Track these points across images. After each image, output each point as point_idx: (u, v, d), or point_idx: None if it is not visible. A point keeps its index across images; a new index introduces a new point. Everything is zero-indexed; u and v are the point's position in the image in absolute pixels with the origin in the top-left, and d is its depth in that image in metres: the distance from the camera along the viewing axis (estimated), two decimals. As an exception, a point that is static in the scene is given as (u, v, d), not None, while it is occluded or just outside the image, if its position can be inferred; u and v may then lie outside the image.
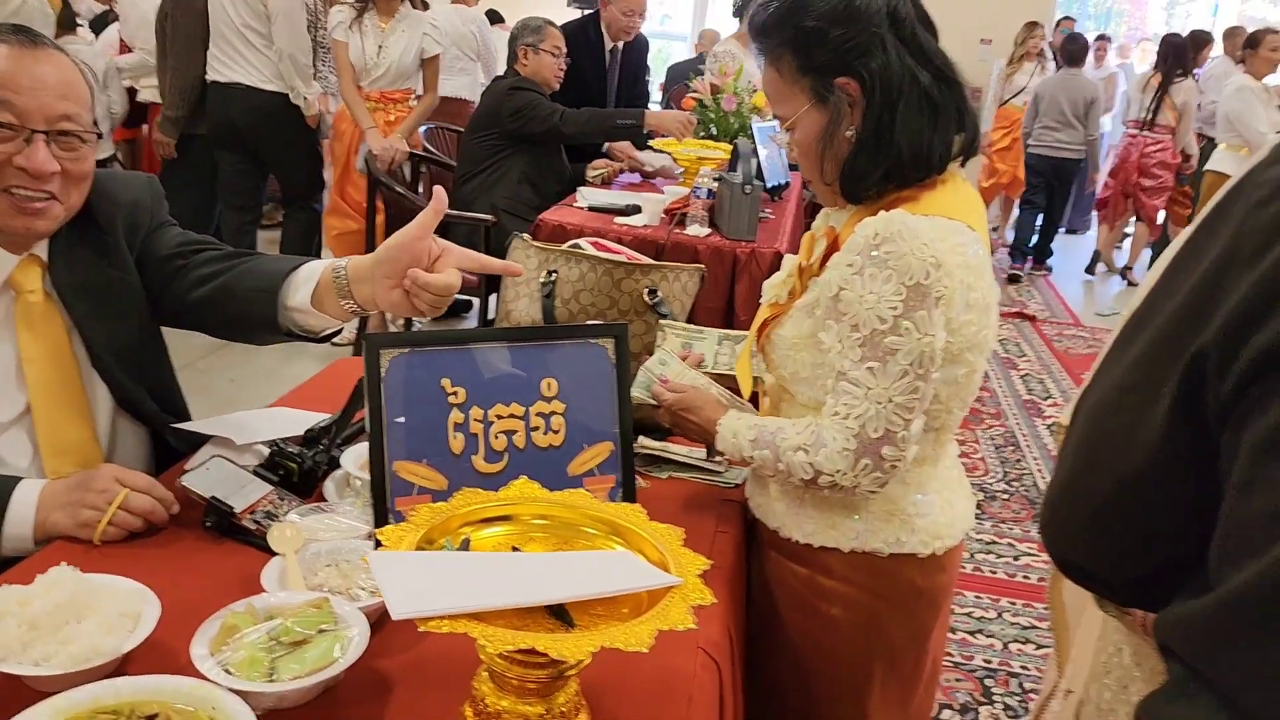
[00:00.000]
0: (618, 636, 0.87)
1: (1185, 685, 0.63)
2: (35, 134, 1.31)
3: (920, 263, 1.22)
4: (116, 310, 1.48)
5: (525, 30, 4.01)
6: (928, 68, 1.30)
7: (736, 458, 1.39)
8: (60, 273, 1.44)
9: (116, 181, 1.52)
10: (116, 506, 1.27)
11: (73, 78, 1.37)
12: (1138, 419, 0.66)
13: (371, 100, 4.31)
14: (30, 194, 1.33)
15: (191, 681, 0.97)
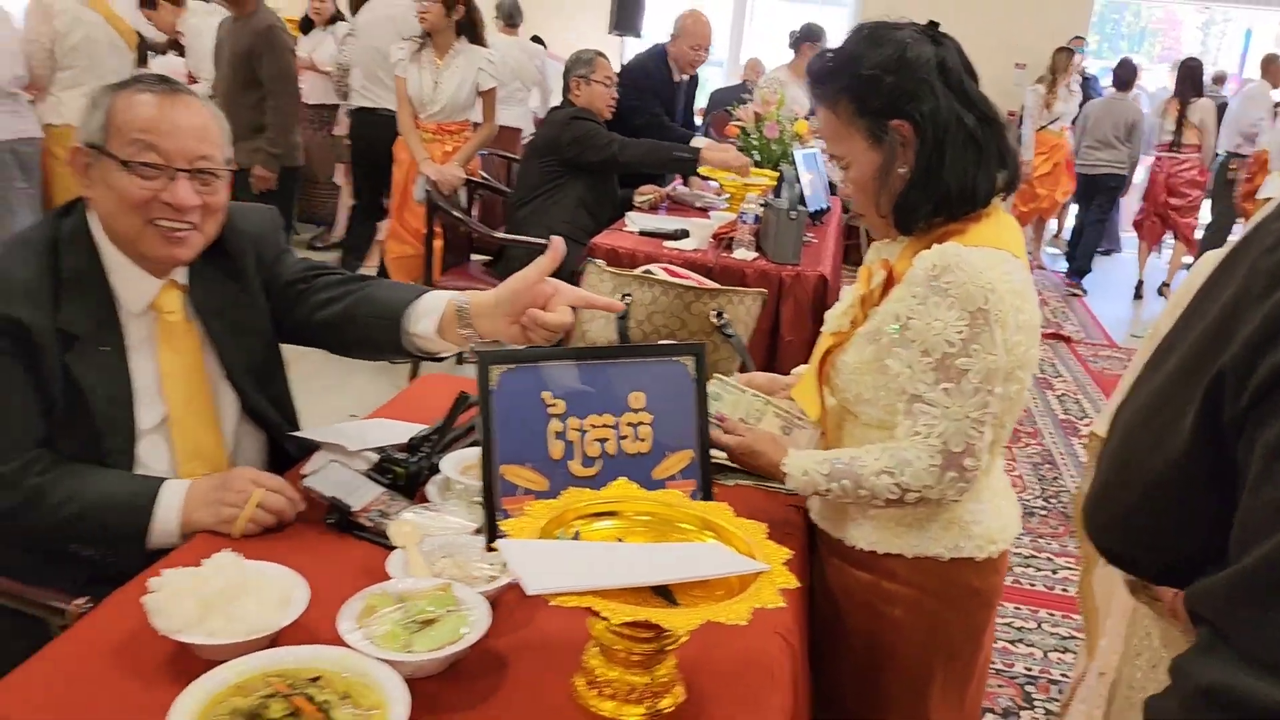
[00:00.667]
0: (719, 612, 1.01)
1: (1211, 644, 0.76)
2: (179, 172, 1.48)
3: (979, 290, 1.35)
4: (246, 329, 1.65)
5: (578, 63, 4.19)
6: (973, 111, 1.44)
7: (809, 492, 1.51)
8: (198, 295, 1.61)
9: (243, 214, 1.69)
10: (254, 505, 1.43)
11: (208, 121, 1.54)
12: (1166, 431, 0.79)
13: (429, 132, 4.50)
14: (174, 225, 1.50)
15: (343, 651, 1.12)
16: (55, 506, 1.41)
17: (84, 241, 1.52)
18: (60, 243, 1.51)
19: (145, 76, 1.55)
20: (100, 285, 1.52)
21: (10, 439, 1.44)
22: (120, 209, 1.48)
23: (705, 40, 4.81)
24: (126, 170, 1.46)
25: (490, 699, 1.15)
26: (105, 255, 1.53)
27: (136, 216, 1.48)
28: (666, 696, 1.14)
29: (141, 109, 1.48)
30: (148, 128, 1.48)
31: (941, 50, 1.46)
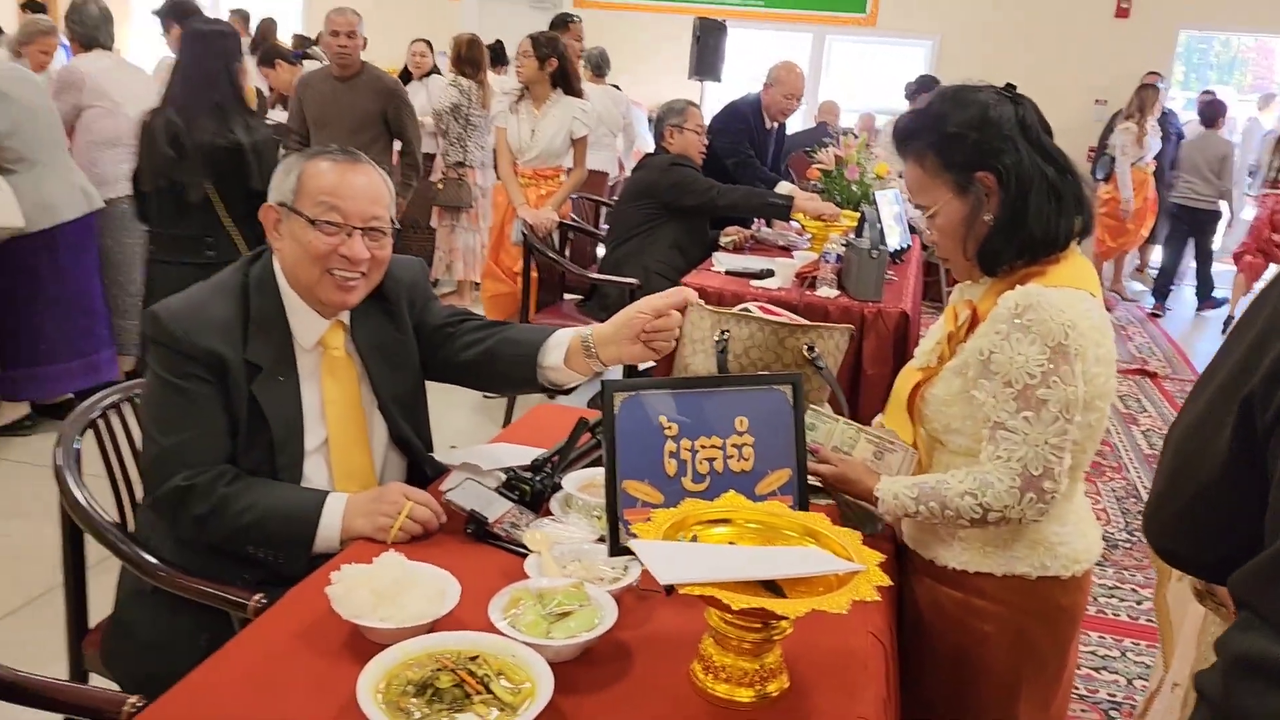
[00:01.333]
0: (823, 602, 1.17)
1: (1248, 621, 0.89)
2: (355, 230, 1.73)
3: (1059, 326, 1.50)
4: (398, 365, 1.88)
5: (670, 112, 4.41)
6: (1052, 164, 1.59)
7: (899, 514, 1.66)
8: (359, 333, 1.84)
9: (398, 264, 1.92)
10: (405, 515, 1.63)
11: (379, 185, 1.79)
12: (1209, 445, 0.93)
13: (525, 177, 4.80)
14: (347, 275, 1.74)
15: (494, 636, 1.31)
16: (238, 514, 1.64)
17: (270, 286, 1.77)
18: (250, 287, 1.76)
19: (328, 149, 1.80)
20: (281, 324, 1.77)
21: (206, 454, 1.67)
22: (304, 259, 1.73)
23: (798, 90, 5.02)
24: (313, 227, 1.71)
25: (619, 681, 1.32)
26: (286, 298, 1.77)
27: (317, 266, 1.72)
28: (773, 682, 1.30)
29: (326, 175, 1.73)
30: (331, 191, 1.72)
31: (1021, 110, 1.62)
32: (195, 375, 1.68)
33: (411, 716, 1.16)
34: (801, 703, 1.30)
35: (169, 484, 1.65)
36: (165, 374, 1.69)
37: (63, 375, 4.01)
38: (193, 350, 1.67)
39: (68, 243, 3.98)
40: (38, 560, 3.00)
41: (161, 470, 1.67)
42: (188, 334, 1.67)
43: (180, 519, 1.66)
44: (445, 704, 1.18)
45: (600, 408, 1.60)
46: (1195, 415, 0.97)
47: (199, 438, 1.68)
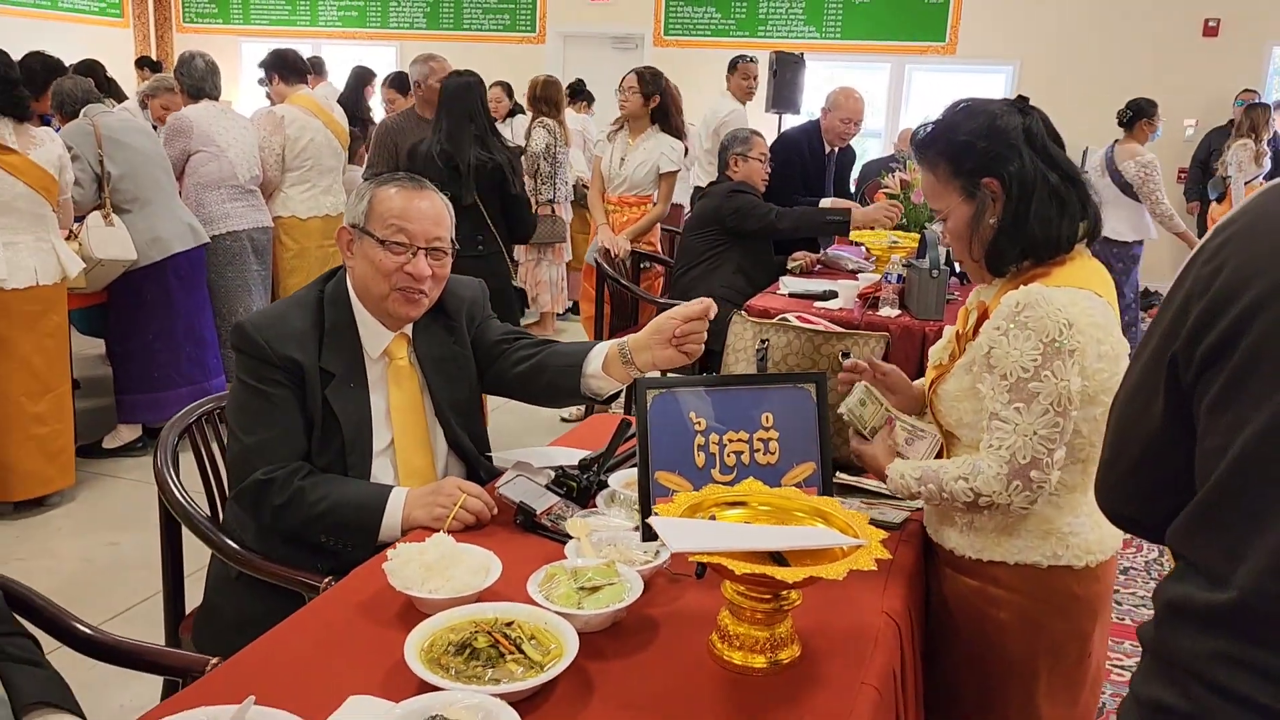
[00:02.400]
0: (820, 570, 1.27)
1: (1182, 571, 0.97)
2: (419, 250, 1.91)
3: (1055, 324, 1.58)
4: (456, 376, 2.05)
5: (735, 141, 4.55)
6: (1056, 170, 1.68)
7: (905, 493, 1.76)
8: (421, 346, 2.02)
9: (459, 282, 2.11)
10: (459, 506, 1.79)
11: (441, 209, 1.98)
12: (1146, 407, 1.01)
13: (611, 203, 5.07)
14: (412, 290, 1.92)
15: (530, 607, 1.44)
16: (312, 504, 1.82)
17: (343, 301, 1.97)
18: (325, 301, 1.96)
19: (397, 176, 2.00)
20: (352, 335, 1.96)
21: (284, 451, 1.86)
22: (374, 275, 1.92)
23: (855, 114, 5.11)
24: (383, 247, 1.90)
25: (644, 650, 1.44)
26: (357, 312, 1.97)
27: (386, 282, 1.91)
28: (785, 650, 1.40)
29: (394, 200, 1.93)
30: (399, 215, 1.92)
31: (1028, 120, 1.71)
32: (276, 380, 1.87)
33: (449, 671, 1.30)
34: (811, 670, 1.40)
35: (251, 478, 1.84)
36: (249, 379, 1.88)
37: (175, 400, 4.31)
38: (274, 358, 1.87)
39: (177, 274, 4.31)
40: (144, 568, 3.26)
41: (244, 465, 1.86)
42: (269, 343, 1.87)
43: (261, 508, 1.85)
44: (480, 661, 1.32)
45: (636, 406, 1.74)
46: (1132, 382, 1.05)
47: (278, 436, 1.86)
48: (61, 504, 3.89)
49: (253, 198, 4.72)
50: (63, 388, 3.86)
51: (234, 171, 4.60)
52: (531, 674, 1.30)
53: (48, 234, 3.71)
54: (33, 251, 3.64)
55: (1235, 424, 0.90)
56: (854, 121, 5.15)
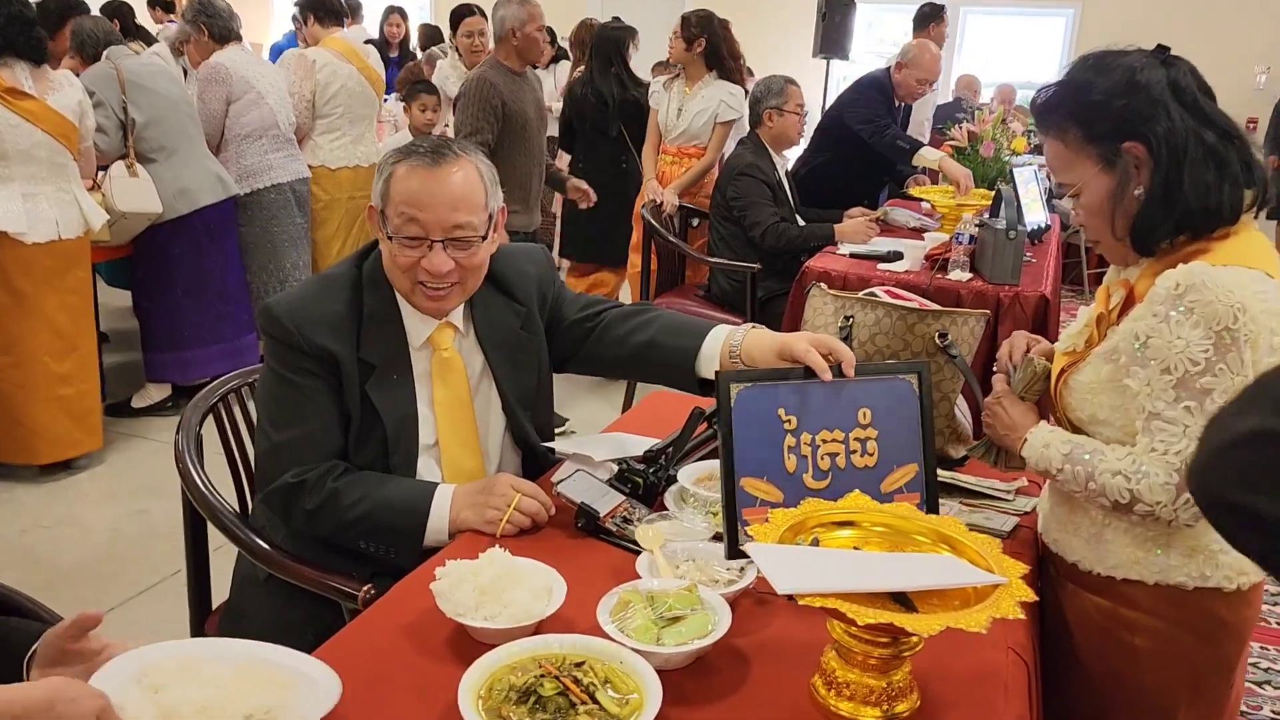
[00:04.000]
0: (960, 619, 1.06)
1: None
2: (434, 243, 1.64)
3: (1227, 309, 1.33)
4: (523, 363, 1.83)
5: (769, 93, 4.24)
6: (1211, 128, 1.42)
7: (1038, 468, 1.52)
8: (483, 330, 1.79)
9: (521, 256, 1.87)
10: (513, 508, 1.58)
11: (464, 189, 1.65)
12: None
13: (669, 155, 4.80)
14: (434, 286, 1.67)
15: (602, 641, 1.24)
16: (348, 507, 1.62)
17: (383, 282, 1.73)
18: (363, 282, 1.73)
19: (419, 146, 1.69)
20: (395, 321, 1.73)
21: (317, 450, 1.66)
22: (394, 270, 1.69)
23: (934, 74, 4.80)
24: (392, 242, 1.66)
25: (734, 693, 1.24)
26: (398, 296, 1.73)
27: (405, 278, 1.68)
28: (902, 702, 1.19)
29: (410, 182, 1.64)
30: (412, 201, 1.63)
31: (1174, 71, 1.45)
32: (308, 370, 1.66)
33: (512, 724, 1.11)
34: (933, 725, 1.20)
35: (280, 480, 1.64)
36: (279, 368, 1.68)
37: (204, 359, 4.15)
38: (305, 345, 1.65)
39: (206, 228, 4.11)
40: (173, 539, 3.09)
41: (274, 465, 1.66)
42: (300, 329, 1.65)
43: (292, 514, 1.66)
44: (549, 714, 1.12)
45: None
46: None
47: (311, 433, 1.66)
48: (89, 467, 3.75)
49: (292, 147, 4.47)
50: (88, 346, 3.69)
51: (275, 119, 4.35)
52: (609, 731, 1.10)
53: (69, 184, 3.51)
54: (54, 203, 3.45)
55: None
56: (929, 83, 4.84)
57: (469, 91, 3.91)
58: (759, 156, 4.21)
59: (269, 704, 1.07)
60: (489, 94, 3.88)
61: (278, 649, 1.18)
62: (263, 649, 1.18)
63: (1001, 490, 1.80)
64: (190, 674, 1.09)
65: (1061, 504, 1.60)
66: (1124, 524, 1.49)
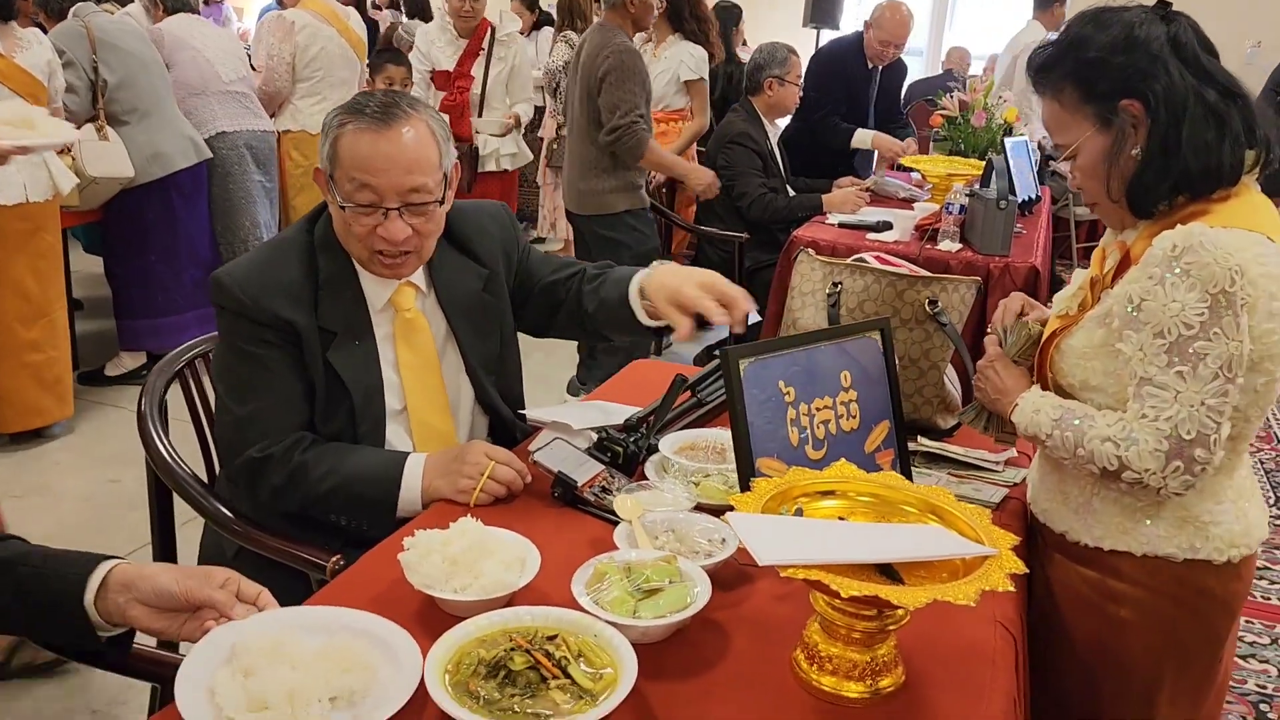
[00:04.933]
0: (948, 592, 1.01)
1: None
2: (390, 210, 1.56)
3: (1224, 271, 1.28)
4: (486, 329, 1.77)
5: (772, 61, 4.16)
6: (1212, 85, 1.37)
7: (1027, 433, 1.47)
8: (444, 294, 1.73)
9: (484, 215, 1.80)
10: (487, 476, 1.53)
11: (418, 150, 1.56)
12: None
13: None
14: (391, 253, 1.60)
15: (576, 614, 1.19)
16: (317, 480, 1.56)
17: (336, 246, 1.65)
18: (316, 247, 1.65)
19: (369, 105, 1.58)
20: (352, 284, 1.65)
21: (281, 422, 1.59)
22: (347, 237, 1.61)
23: (897, 36, 4.66)
24: (345, 211, 1.57)
25: (712, 668, 1.19)
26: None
27: (361, 246, 1.60)
28: (887, 676, 1.15)
29: (359, 145, 1.54)
30: (363, 166, 1.54)
31: (1174, 27, 1.40)
32: (266, 341, 1.59)
33: (479, 700, 1.06)
34: (919, 701, 1.15)
35: (244, 456, 1.58)
36: (235, 340, 1.61)
37: (179, 326, 4.06)
38: (261, 316, 1.58)
39: (180, 192, 4.02)
40: (146, 508, 3.04)
41: (237, 440, 1.60)
42: (255, 300, 1.58)
43: (258, 490, 1.60)
44: (518, 689, 1.07)
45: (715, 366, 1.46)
46: None
47: (274, 405, 1.59)
48: (61, 436, 3.67)
49: (245, 100, 4.37)
50: (58, 312, 3.61)
51: (215, 71, 4.27)
52: (581, 708, 1.05)
53: (37, 146, 3.41)
54: (21, 165, 3.33)
55: None
56: (893, 44, 4.69)
57: (623, 66, 3.63)
58: (751, 125, 4.14)
59: (353, 686, 1.08)
60: (639, 65, 3.70)
61: (364, 616, 1.18)
62: (348, 616, 1.18)
63: (990, 461, 1.76)
64: (278, 655, 1.08)
65: (1051, 473, 1.56)
66: (1113, 494, 1.45)
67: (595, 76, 3.65)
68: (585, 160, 3.77)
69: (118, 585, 1.12)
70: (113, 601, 1.12)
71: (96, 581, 1.12)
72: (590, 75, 3.68)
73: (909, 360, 1.85)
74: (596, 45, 3.70)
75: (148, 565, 1.15)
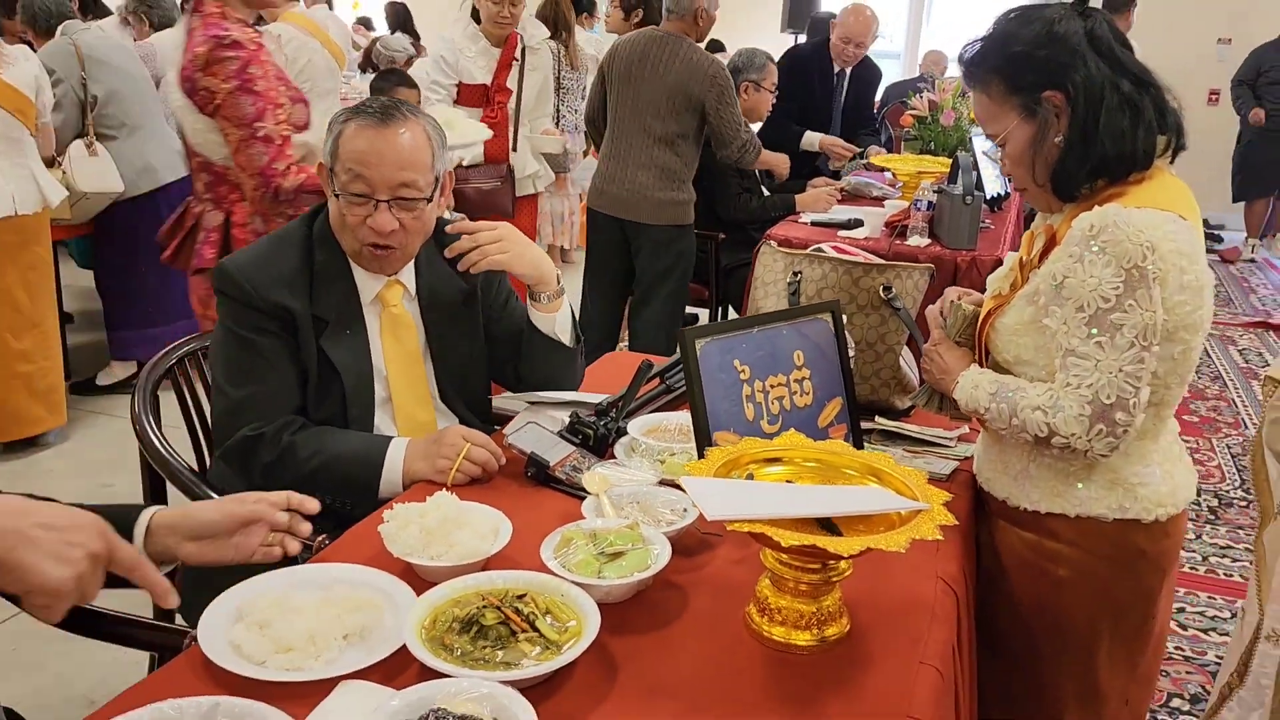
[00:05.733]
0: (880, 540, 1.10)
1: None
2: (380, 202, 1.67)
3: (1136, 247, 1.39)
4: (459, 337, 1.86)
5: (750, 66, 4.25)
6: (1126, 76, 1.47)
7: (969, 408, 1.57)
8: (425, 298, 1.83)
9: None
10: (463, 457, 1.62)
11: (412, 150, 1.68)
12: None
13: None
14: (378, 245, 1.70)
15: (544, 576, 1.28)
16: (304, 460, 1.65)
17: (332, 240, 1.76)
18: (314, 240, 1.76)
19: (369, 106, 1.71)
20: (346, 277, 1.76)
21: (275, 406, 1.69)
22: (341, 228, 1.72)
23: (855, 35, 4.73)
24: (340, 199, 1.69)
25: (671, 623, 1.28)
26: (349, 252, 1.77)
27: (352, 237, 1.71)
28: (832, 625, 1.24)
29: (357, 140, 1.66)
30: (359, 159, 1.66)
31: (1090, 23, 1.50)
32: (264, 329, 1.69)
33: (454, 652, 1.14)
34: (862, 647, 1.24)
35: (238, 434, 1.67)
36: (235, 327, 1.70)
37: (170, 336, 4.11)
38: (260, 303, 1.68)
39: (169, 204, 4.08)
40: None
41: (232, 421, 1.69)
42: (256, 288, 1.68)
43: (250, 468, 1.68)
44: (489, 641, 1.16)
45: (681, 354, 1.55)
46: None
47: (268, 390, 1.69)
48: (54, 444, 3.75)
49: None
50: (49, 323, 3.69)
51: None
52: (547, 656, 1.14)
53: (25, 159, 3.49)
54: (10, 178, 3.43)
55: None
56: (854, 42, 4.75)
57: (728, 83, 3.68)
58: None
59: (362, 623, 1.21)
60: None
61: (350, 568, 1.33)
62: (340, 569, 1.32)
63: (944, 438, 1.85)
64: (287, 607, 1.20)
65: (993, 445, 1.66)
66: (1047, 460, 1.55)
67: (695, 93, 3.63)
68: (667, 170, 3.72)
69: (163, 529, 1.23)
70: (161, 543, 1.23)
71: (142, 530, 1.22)
72: (685, 90, 3.64)
73: (866, 344, 1.94)
74: (685, 59, 3.64)
75: (187, 505, 1.28)
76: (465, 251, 1.73)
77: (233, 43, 2.36)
